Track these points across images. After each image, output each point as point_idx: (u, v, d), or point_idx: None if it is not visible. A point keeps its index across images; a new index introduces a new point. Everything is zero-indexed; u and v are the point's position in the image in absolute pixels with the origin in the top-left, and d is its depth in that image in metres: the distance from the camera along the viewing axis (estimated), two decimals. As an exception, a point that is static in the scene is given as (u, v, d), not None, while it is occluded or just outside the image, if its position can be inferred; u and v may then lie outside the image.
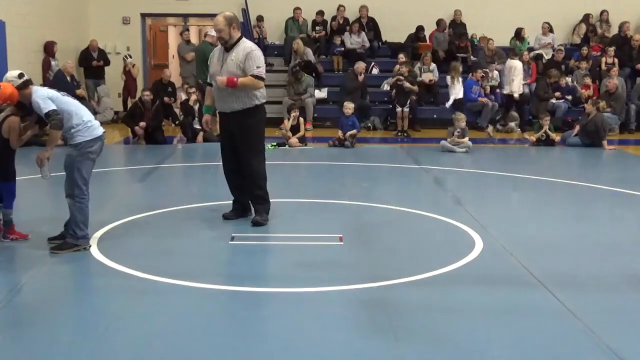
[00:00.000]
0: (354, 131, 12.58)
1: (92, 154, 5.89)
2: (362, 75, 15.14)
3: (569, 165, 11.76)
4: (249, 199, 7.05)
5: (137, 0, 17.50)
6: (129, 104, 16.21)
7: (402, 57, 14.99)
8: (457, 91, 15.21)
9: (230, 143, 6.94)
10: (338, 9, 17.09)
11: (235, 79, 6.63)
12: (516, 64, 15.43)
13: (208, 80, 7.11)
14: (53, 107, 5.69)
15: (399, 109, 14.42)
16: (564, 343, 4.20)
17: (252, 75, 6.67)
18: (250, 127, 6.82)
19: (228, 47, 6.77)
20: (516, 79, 15.37)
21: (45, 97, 5.72)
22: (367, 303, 4.79)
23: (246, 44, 6.79)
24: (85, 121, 5.86)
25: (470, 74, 15.40)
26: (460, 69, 15.47)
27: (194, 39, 18.61)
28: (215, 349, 4.06)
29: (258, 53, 6.79)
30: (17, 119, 6.02)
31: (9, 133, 6.01)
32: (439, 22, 16.98)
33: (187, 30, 16.91)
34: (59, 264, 5.66)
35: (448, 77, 15.41)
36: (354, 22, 16.86)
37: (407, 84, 14.38)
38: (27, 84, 5.83)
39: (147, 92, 12.99)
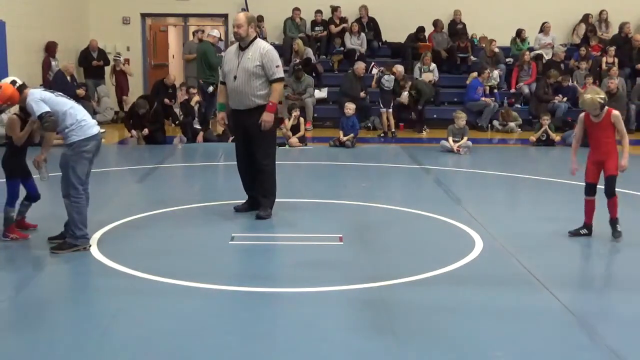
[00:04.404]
0: (351, 135, 12.56)
1: (87, 153, 5.85)
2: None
3: (568, 165, 11.71)
4: (257, 192, 7.17)
5: (137, 0, 17.48)
6: (123, 103, 16.17)
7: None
8: None
9: (245, 141, 7.13)
10: (332, 11, 17.04)
11: (270, 104, 6.91)
12: None
13: (221, 79, 7.33)
14: (46, 109, 5.69)
15: (383, 110, 14.35)
16: (564, 343, 4.21)
17: (273, 80, 6.92)
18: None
19: (243, 45, 6.98)
20: None
21: (38, 100, 5.72)
22: (367, 303, 4.79)
23: (261, 44, 7.05)
24: (79, 120, 5.82)
25: (476, 74, 15.40)
26: None
27: (191, 39, 18.46)
28: (215, 348, 4.06)
29: (274, 52, 7.05)
30: (16, 117, 6.06)
31: (9, 130, 6.09)
32: (436, 23, 16.97)
33: (202, 31, 16.66)
34: (59, 264, 5.66)
35: None
36: (354, 22, 16.85)
37: (386, 84, 14.22)
38: (22, 88, 5.85)
39: (144, 105, 12.72)
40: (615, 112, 6.45)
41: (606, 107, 6.40)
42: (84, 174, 5.89)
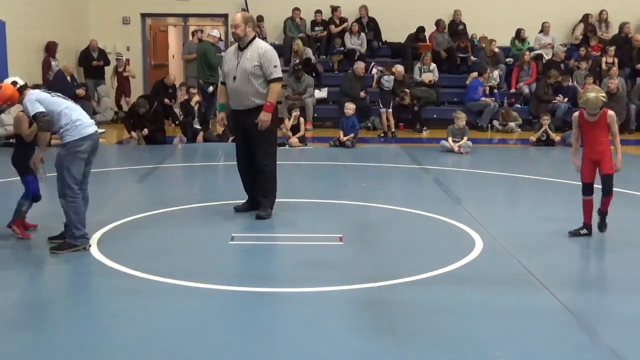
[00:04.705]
0: (351, 135, 12.57)
1: (81, 153, 5.81)
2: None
3: (568, 165, 11.72)
4: (258, 192, 7.18)
5: (137, 0, 17.48)
6: (123, 103, 16.17)
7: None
8: None
9: (245, 142, 7.14)
10: (332, 11, 17.05)
11: (267, 104, 6.92)
12: None
13: (221, 80, 7.34)
14: (40, 109, 5.70)
15: (383, 110, 14.35)
16: (564, 343, 4.21)
17: (271, 80, 6.93)
18: None
19: (242, 45, 7.01)
20: None
21: (33, 100, 5.74)
22: (367, 303, 4.79)
23: (260, 44, 7.06)
24: (74, 120, 5.80)
25: (476, 74, 15.40)
26: None
27: (191, 39, 18.44)
28: (215, 349, 4.06)
29: (272, 52, 7.06)
30: (23, 114, 6.10)
31: (17, 128, 6.15)
32: (438, 23, 16.97)
33: (201, 31, 16.61)
34: (59, 264, 5.66)
35: None
36: (354, 22, 16.86)
37: (386, 83, 14.26)
38: (23, 89, 5.87)
39: (144, 105, 12.71)
40: (611, 113, 6.47)
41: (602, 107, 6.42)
42: (80, 174, 5.86)
